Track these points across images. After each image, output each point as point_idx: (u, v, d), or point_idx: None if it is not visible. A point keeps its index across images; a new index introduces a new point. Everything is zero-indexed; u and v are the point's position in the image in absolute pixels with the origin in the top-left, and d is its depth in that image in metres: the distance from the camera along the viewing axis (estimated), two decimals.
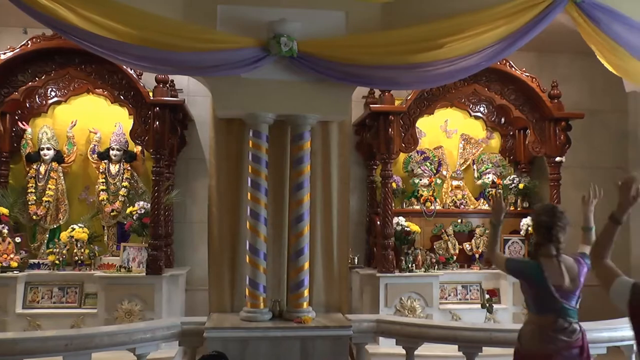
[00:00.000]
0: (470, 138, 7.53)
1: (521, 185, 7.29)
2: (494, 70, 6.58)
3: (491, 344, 4.62)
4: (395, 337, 4.83)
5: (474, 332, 4.68)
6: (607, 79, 5.67)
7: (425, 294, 6.35)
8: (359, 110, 6.74)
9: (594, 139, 7.57)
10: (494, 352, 5.02)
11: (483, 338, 4.61)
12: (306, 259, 4.66)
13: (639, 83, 5.18)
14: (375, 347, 5.80)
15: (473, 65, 4.84)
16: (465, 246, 7.13)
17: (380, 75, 4.82)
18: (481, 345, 4.62)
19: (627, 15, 4.81)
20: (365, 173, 7.25)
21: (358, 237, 7.14)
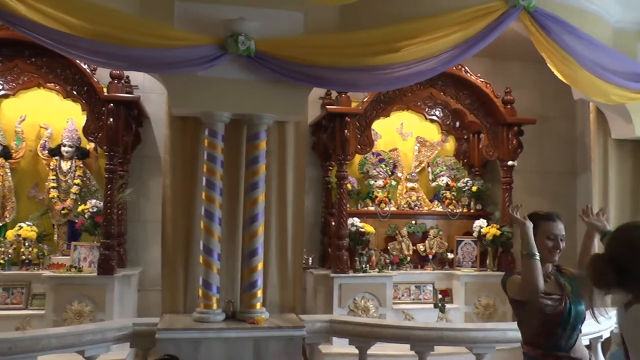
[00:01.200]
0: (426, 141, 7.63)
1: (474, 188, 7.42)
2: (449, 75, 6.69)
3: (443, 342, 4.71)
4: (348, 337, 4.87)
5: (425, 332, 4.75)
6: (557, 87, 5.84)
7: (378, 294, 6.40)
8: (315, 111, 6.75)
9: (544, 144, 7.77)
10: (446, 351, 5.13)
11: (435, 337, 4.69)
12: (260, 259, 4.64)
13: (586, 91, 5.33)
14: (329, 347, 5.82)
15: (429, 69, 4.91)
16: (419, 247, 7.22)
17: (337, 76, 4.84)
18: (433, 344, 4.70)
19: (576, 27, 4.97)
20: (321, 174, 7.27)
21: (313, 237, 7.15)
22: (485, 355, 4.69)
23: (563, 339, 2.97)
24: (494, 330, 4.80)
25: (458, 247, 7.16)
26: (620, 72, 5.23)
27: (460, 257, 7.13)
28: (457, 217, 7.38)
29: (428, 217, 7.41)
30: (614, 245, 2.31)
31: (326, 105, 6.51)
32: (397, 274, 6.70)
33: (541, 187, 7.75)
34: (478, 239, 7.11)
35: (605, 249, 2.37)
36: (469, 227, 7.26)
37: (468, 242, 7.19)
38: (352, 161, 7.00)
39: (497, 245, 6.92)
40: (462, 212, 7.41)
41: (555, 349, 2.97)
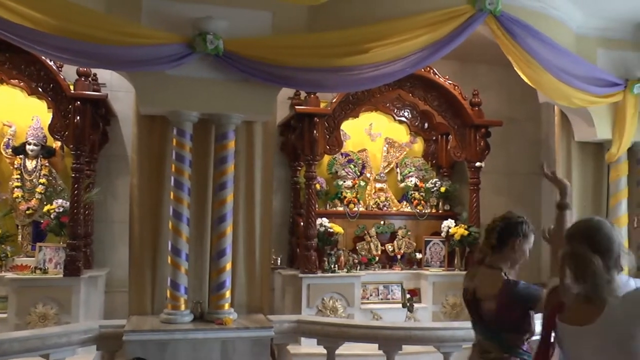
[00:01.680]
0: (394, 142, 7.68)
1: (442, 188, 7.50)
2: (418, 77, 6.75)
3: (410, 342, 4.76)
4: (316, 337, 4.88)
5: (393, 331, 4.80)
6: (524, 90, 5.93)
7: (347, 294, 6.43)
8: (284, 111, 6.75)
9: (510, 145, 7.89)
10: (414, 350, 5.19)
11: (402, 336, 4.73)
12: (228, 259, 4.63)
13: (550, 95, 5.44)
14: (297, 348, 5.82)
15: (397, 71, 4.95)
16: (387, 247, 7.27)
17: (306, 77, 4.85)
18: (401, 344, 4.74)
19: (540, 31, 5.07)
20: (289, 174, 7.27)
21: (281, 238, 7.14)
22: (452, 354, 4.75)
23: None
24: (461, 329, 4.84)
25: (426, 247, 7.23)
26: (582, 76, 5.35)
27: (429, 257, 7.20)
28: (426, 217, 7.45)
29: (396, 218, 7.46)
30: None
31: (295, 105, 6.52)
32: (365, 274, 6.74)
33: (507, 187, 7.88)
34: (446, 239, 7.19)
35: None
36: (437, 227, 7.33)
37: (436, 242, 7.26)
38: (320, 161, 7.00)
39: (464, 245, 7.01)
40: (430, 212, 7.48)
41: None
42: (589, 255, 2.25)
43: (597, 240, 2.29)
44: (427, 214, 7.46)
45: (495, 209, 7.30)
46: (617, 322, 2.16)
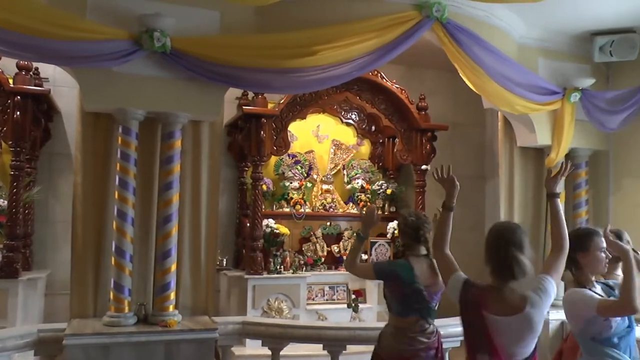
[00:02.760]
0: (341, 144, 7.75)
1: (389, 190, 7.60)
2: (365, 80, 6.83)
3: (355, 341, 4.80)
4: (261, 339, 4.87)
5: (337, 331, 4.83)
6: (469, 95, 6.06)
7: (292, 295, 6.45)
8: (231, 111, 6.71)
9: (456, 149, 8.06)
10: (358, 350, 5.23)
11: (347, 336, 4.77)
12: (173, 260, 4.55)
13: (494, 101, 5.59)
14: (242, 349, 5.81)
15: (345, 73, 4.98)
16: (333, 248, 7.33)
17: (253, 77, 4.81)
18: (345, 344, 4.78)
19: (485, 40, 5.20)
20: (236, 174, 7.24)
21: (227, 238, 7.10)
22: None
23: None
24: None
25: (372, 248, 7.31)
26: (524, 84, 5.50)
27: (374, 258, 7.28)
28: None
29: (343, 219, 7.53)
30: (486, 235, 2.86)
31: (242, 105, 6.49)
32: (311, 275, 6.78)
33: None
34: (391, 240, 7.30)
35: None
36: (383, 229, 7.43)
37: (382, 243, 7.36)
38: (267, 162, 7.01)
39: None
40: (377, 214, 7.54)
41: None
42: (523, 257, 2.64)
43: (524, 243, 2.69)
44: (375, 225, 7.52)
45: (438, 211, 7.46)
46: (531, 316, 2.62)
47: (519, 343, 2.64)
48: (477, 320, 2.65)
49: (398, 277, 3.54)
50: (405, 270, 3.55)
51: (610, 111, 5.91)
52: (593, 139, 6.22)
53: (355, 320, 6.61)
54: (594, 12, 5.58)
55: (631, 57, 5.91)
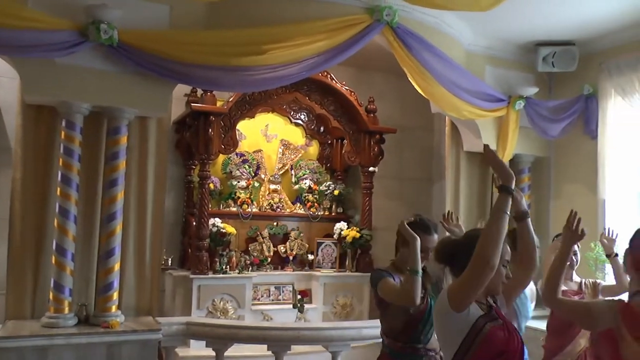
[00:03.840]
0: (290, 144, 7.72)
1: (336, 191, 7.62)
2: (315, 81, 6.84)
3: (299, 342, 4.81)
4: (205, 339, 4.81)
5: (282, 332, 4.82)
6: (417, 100, 6.13)
7: (238, 296, 6.38)
8: (180, 108, 6.60)
9: (403, 152, 8.14)
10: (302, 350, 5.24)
11: (291, 337, 4.76)
12: (117, 259, 4.43)
13: (441, 106, 5.69)
14: (186, 350, 5.71)
15: (294, 74, 4.97)
16: (279, 248, 7.29)
17: (202, 74, 4.74)
18: (290, 344, 4.77)
19: (434, 45, 5.28)
20: (183, 173, 7.11)
21: (173, 238, 6.97)
22: (340, 353, 4.84)
23: (422, 334, 3.15)
24: (350, 328, 4.97)
25: (318, 248, 7.32)
26: (471, 90, 5.62)
27: (320, 259, 7.30)
28: (319, 219, 7.53)
29: (290, 219, 7.49)
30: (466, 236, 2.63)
31: (191, 102, 6.38)
32: (257, 275, 6.72)
33: (399, 192, 8.14)
34: (338, 241, 7.32)
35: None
36: (330, 229, 7.45)
37: (328, 243, 7.37)
38: (215, 161, 6.91)
39: (356, 247, 7.18)
40: (323, 214, 7.58)
41: (414, 342, 3.16)
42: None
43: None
44: (320, 216, 7.54)
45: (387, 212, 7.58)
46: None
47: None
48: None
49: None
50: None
51: (552, 119, 6.11)
52: (535, 146, 6.41)
53: (300, 321, 6.59)
54: (537, 24, 5.76)
55: (571, 69, 6.13)
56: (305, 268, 7.32)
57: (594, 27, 5.75)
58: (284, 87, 6.62)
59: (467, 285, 2.30)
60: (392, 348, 3.21)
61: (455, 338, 2.36)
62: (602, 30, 5.80)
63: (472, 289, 2.30)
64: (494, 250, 2.24)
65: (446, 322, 2.40)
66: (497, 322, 2.42)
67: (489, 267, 2.24)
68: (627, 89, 5.59)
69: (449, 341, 2.42)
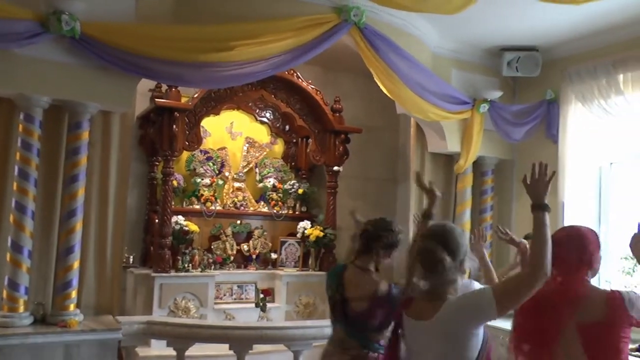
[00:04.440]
0: (255, 142, 7.67)
1: (300, 190, 7.60)
2: (281, 79, 6.81)
3: (261, 341, 4.78)
4: (167, 339, 4.73)
5: (244, 331, 4.79)
6: (383, 100, 6.15)
7: (200, 294, 6.31)
8: (144, 103, 6.48)
9: (368, 152, 8.16)
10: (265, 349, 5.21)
11: (253, 336, 4.73)
12: (76, 257, 4.32)
13: (407, 107, 5.72)
14: (147, 350, 5.62)
15: (260, 71, 4.93)
16: (243, 247, 7.24)
17: (167, 69, 4.65)
18: (252, 343, 4.74)
19: (402, 47, 5.31)
20: (146, 169, 6.99)
21: (135, 235, 6.85)
22: (302, 352, 4.83)
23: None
24: (312, 327, 4.96)
25: (282, 247, 7.29)
26: (437, 93, 5.67)
27: (284, 258, 7.27)
28: (282, 218, 7.50)
29: (253, 218, 7.44)
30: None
31: (155, 98, 6.27)
32: (219, 274, 6.66)
33: (364, 192, 8.15)
34: (302, 240, 7.30)
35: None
36: (294, 228, 7.43)
37: (292, 242, 7.34)
38: (179, 158, 6.82)
39: (319, 246, 7.17)
40: (287, 213, 7.54)
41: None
42: (440, 252, 2.43)
43: (448, 242, 2.48)
44: (284, 215, 7.51)
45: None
46: (449, 320, 2.36)
47: (429, 352, 2.53)
48: (396, 323, 2.65)
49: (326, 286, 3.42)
50: (330, 276, 3.41)
51: (515, 123, 6.21)
52: (499, 149, 6.51)
53: (263, 320, 6.56)
54: (502, 29, 5.84)
55: (535, 74, 6.23)
56: (268, 267, 7.28)
57: (556, 34, 5.87)
58: (250, 84, 6.58)
59: (521, 291, 2.35)
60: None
61: (475, 345, 2.39)
62: (564, 37, 5.93)
63: (524, 295, 2.35)
64: (548, 258, 2.35)
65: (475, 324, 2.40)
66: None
67: (544, 274, 2.33)
68: (587, 95, 5.71)
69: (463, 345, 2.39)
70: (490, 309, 2.31)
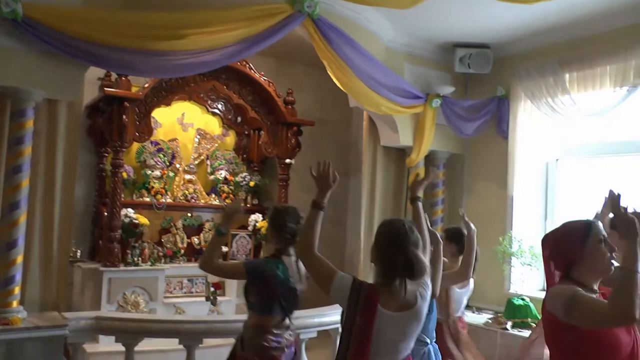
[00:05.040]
0: (206, 133, 7.56)
1: (252, 183, 7.55)
2: (234, 70, 6.72)
3: (212, 334, 4.71)
4: (115, 334, 4.61)
5: (194, 325, 4.71)
6: (336, 93, 6.14)
7: (150, 289, 6.20)
8: (93, 92, 6.27)
9: (321, 145, 8.13)
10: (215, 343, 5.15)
11: (203, 330, 4.66)
12: (20, 251, 4.14)
13: (360, 100, 5.73)
14: (95, 346, 5.49)
15: (213, 61, 4.82)
16: (193, 240, 7.15)
17: (116, 57, 4.47)
18: (202, 337, 4.67)
19: (356, 40, 5.30)
20: (95, 160, 6.79)
21: (83, 228, 6.64)
22: None
23: None
24: None
25: (233, 240, 7.23)
26: (390, 86, 5.69)
27: (235, 250, 7.21)
28: None
29: (204, 210, 7.35)
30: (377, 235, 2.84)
31: (105, 87, 6.10)
32: (170, 267, 6.56)
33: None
34: (253, 232, 7.26)
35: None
36: (245, 221, 7.37)
37: (243, 235, 7.29)
38: (129, 149, 6.66)
39: None
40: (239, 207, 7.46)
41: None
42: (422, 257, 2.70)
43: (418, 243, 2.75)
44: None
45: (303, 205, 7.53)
46: (422, 309, 2.71)
47: (407, 338, 2.72)
48: (368, 318, 2.62)
49: (274, 276, 3.50)
50: (282, 269, 3.53)
51: (467, 118, 6.31)
52: (451, 143, 6.60)
53: (213, 313, 6.50)
54: (454, 26, 5.90)
55: (486, 71, 6.33)
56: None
57: (507, 32, 5.97)
58: (202, 75, 6.49)
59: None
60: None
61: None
62: (515, 35, 6.05)
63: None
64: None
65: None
66: None
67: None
68: (535, 93, 5.84)
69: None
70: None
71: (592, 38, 5.54)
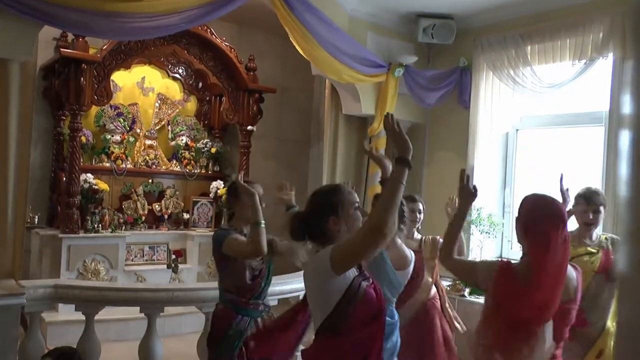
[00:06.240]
0: (167, 98, 7.44)
1: (213, 149, 7.49)
2: (195, 35, 6.61)
3: (172, 303, 4.69)
4: (75, 303, 4.57)
5: (155, 293, 4.67)
6: (298, 61, 6.10)
7: (110, 256, 6.15)
8: (48, 52, 6.10)
9: (283, 113, 8.12)
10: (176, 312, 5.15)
11: (164, 298, 4.62)
12: None
13: (322, 68, 5.71)
14: (54, 315, 5.44)
15: (172, 24, 4.70)
16: (154, 207, 7.08)
17: (71, 17, 4.29)
18: (162, 306, 4.65)
19: (318, 8, 5.26)
20: (52, 124, 6.62)
21: (40, 194, 6.53)
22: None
23: (263, 291, 3.52)
24: None
25: (194, 207, 7.20)
26: (352, 55, 5.68)
27: (196, 218, 7.19)
28: (195, 177, 7.39)
29: (165, 177, 7.28)
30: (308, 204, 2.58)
31: (60, 48, 5.92)
32: (130, 235, 6.51)
33: (277, 153, 8.14)
34: (214, 200, 7.23)
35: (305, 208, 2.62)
36: (206, 188, 7.34)
37: (204, 202, 7.26)
38: (88, 112, 6.52)
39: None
40: (199, 173, 7.43)
41: (257, 298, 3.48)
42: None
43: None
44: (197, 175, 7.40)
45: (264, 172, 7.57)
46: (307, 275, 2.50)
47: None
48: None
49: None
50: None
51: (429, 88, 6.34)
52: (413, 113, 6.64)
53: (175, 281, 6.49)
54: None
55: (449, 42, 6.35)
56: (180, 227, 7.18)
57: (470, 3, 5.99)
58: (162, 38, 6.36)
59: (358, 250, 2.29)
60: (235, 304, 3.43)
61: (331, 299, 2.33)
62: (478, 7, 6.07)
63: (361, 254, 2.32)
64: (390, 218, 2.21)
65: (322, 284, 2.36)
66: (368, 281, 2.43)
67: (382, 235, 2.21)
68: (497, 64, 5.91)
69: (323, 303, 2.37)
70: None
71: (553, 12, 5.61)
